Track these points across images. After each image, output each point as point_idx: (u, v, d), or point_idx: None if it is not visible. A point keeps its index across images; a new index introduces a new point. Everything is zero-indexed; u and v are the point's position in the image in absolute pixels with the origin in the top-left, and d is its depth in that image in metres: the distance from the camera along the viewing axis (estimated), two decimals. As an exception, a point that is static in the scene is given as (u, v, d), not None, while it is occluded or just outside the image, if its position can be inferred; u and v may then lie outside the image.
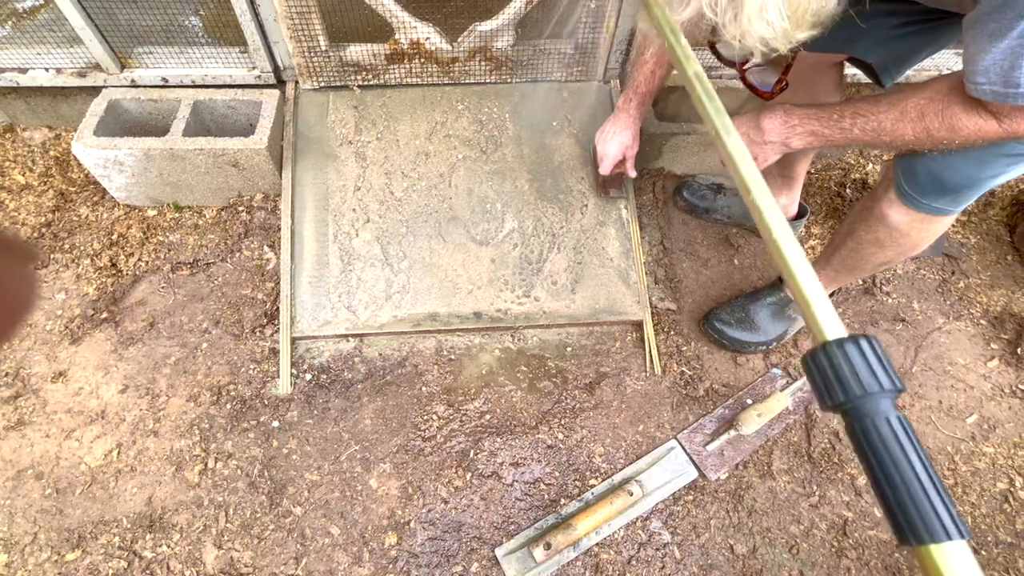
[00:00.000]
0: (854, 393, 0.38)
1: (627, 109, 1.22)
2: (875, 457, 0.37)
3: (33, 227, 1.40)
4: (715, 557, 1.11)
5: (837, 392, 0.39)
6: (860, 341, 0.39)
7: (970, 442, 1.26)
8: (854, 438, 0.39)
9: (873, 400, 0.38)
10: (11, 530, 1.06)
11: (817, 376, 0.40)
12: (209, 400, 1.21)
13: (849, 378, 0.39)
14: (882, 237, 1.01)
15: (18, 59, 1.39)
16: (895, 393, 0.39)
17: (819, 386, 0.40)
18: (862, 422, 0.38)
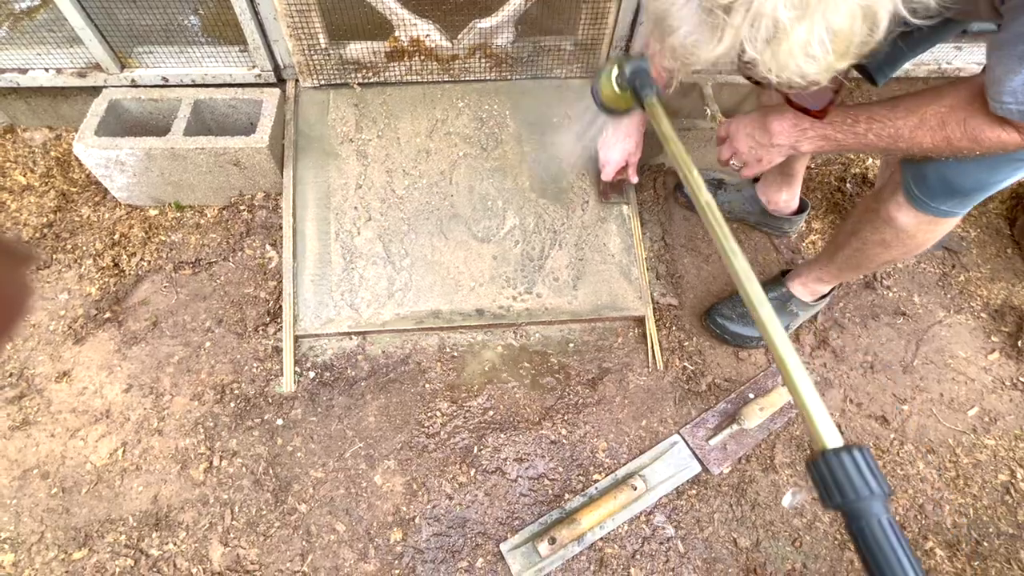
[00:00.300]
0: (850, 497, 0.47)
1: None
2: (869, 552, 0.45)
3: (35, 228, 1.40)
4: (719, 551, 1.11)
5: (836, 495, 0.47)
6: (853, 451, 0.48)
7: (971, 434, 1.27)
8: (851, 535, 0.47)
9: (866, 503, 0.46)
10: (18, 529, 1.07)
11: (819, 480, 0.49)
12: (213, 399, 1.21)
13: (845, 484, 0.47)
14: (888, 238, 1.02)
15: (18, 59, 1.39)
16: (884, 497, 0.47)
17: (821, 489, 0.49)
18: (857, 522, 0.46)
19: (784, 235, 1.53)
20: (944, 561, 1.13)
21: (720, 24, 0.56)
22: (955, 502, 1.19)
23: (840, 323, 1.40)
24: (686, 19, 0.58)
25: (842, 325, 1.40)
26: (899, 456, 1.23)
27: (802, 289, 1.30)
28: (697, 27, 0.58)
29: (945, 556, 1.13)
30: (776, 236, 1.53)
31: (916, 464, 1.23)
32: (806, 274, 1.28)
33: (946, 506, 1.18)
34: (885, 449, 1.24)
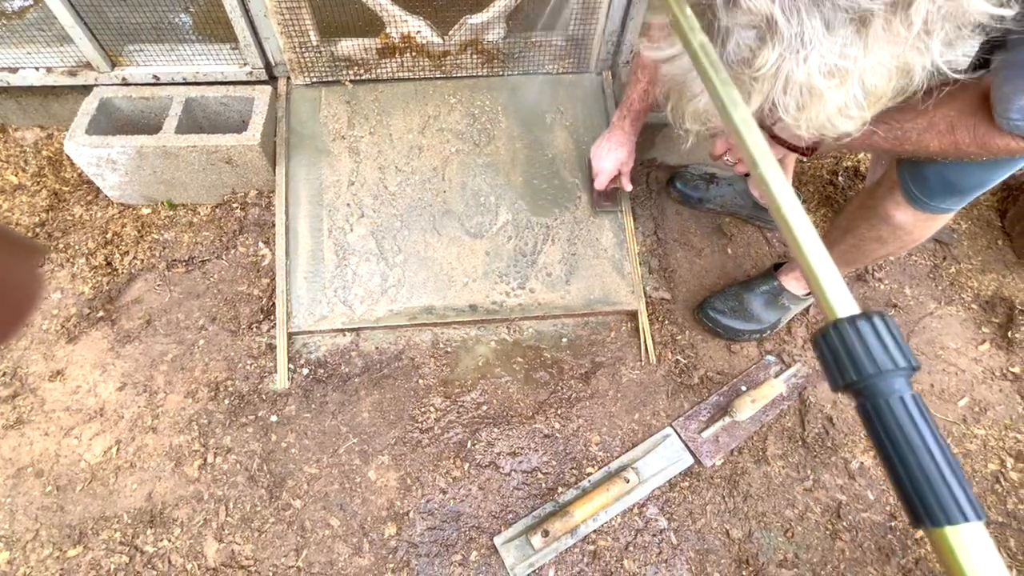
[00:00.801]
0: (867, 372, 0.37)
1: (622, 126, 1.23)
2: (888, 438, 0.36)
3: (27, 227, 1.39)
4: (711, 542, 1.12)
5: (849, 371, 0.37)
6: (873, 318, 0.38)
7: (962, 424, 1.27)
8: (867, 418, 0.37)
9: (887, 379, 0.36)
10: (12, 527, 1.07)
11: (828, 355, 0.39)
12: (207, 396, 1.22)
13: (862, 356, 0.37)
14: (885, 235, 1.02)
15: (8, 58, 1.38)
16: (910, 371, 0.37)
17: (830, 365, 0.39)
18: (875, 401, 0.36)
19: (776, 228, 1.53)
20: (934, 550, 1.14)
21: (747, 89, 0.53)
22: (945, 491, 1.20)
23: (832, 316, 1.41)
24: None
25: (834, 317, 1.40)
26: (890, 447, 1.24)
27: (795, 283, 1.30)
28: None
29: (935, 545, 1.14)
30: (768, 229, 1.54)
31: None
32: (798, 268, 1.28)
33: (936, 496, 1.19)
34: (876, 440, 1.25)
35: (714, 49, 0.50)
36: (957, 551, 0.32)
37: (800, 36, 0.48)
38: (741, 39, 0.50)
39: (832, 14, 0.47)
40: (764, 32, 0.49)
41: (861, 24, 0.48)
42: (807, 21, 0.47)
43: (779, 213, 0.44)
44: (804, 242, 0.42)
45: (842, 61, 0.49)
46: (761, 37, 0.49)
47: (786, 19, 0.47)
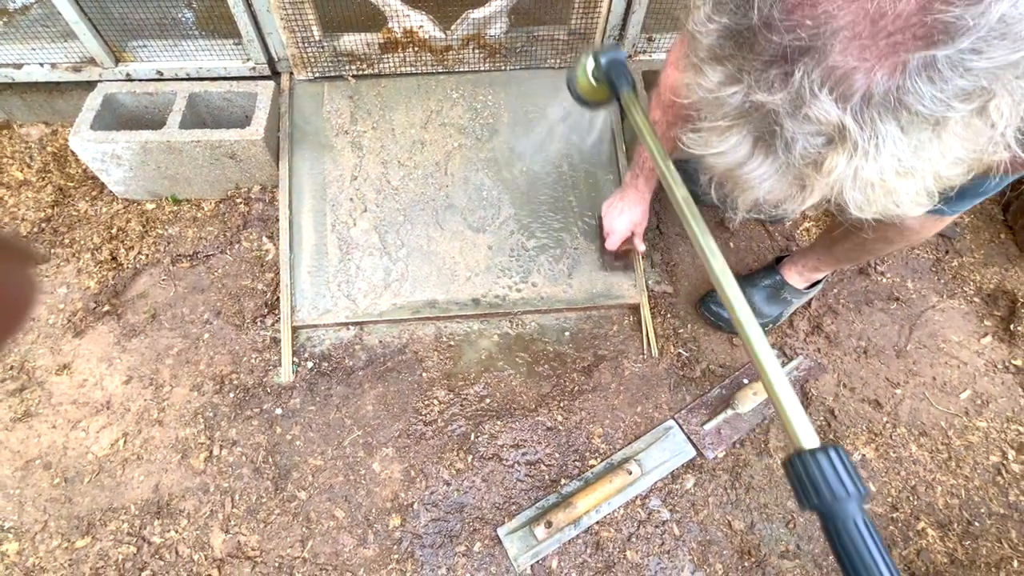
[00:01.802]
0: (826, 498, 0.46)
1: (635, 185, 1.18)
2: (844, 553, 0.45)
3: (33, 222, 1.40)
4: (713, 533, 1.13)
5: (812, 496, 0.47)
6: (829, 451, 0.47)
7: (963, 417, 1.28)
8: (827, 536, 0.46)
9: (842, 504, 0.46)
10: (21, 518, 1.08)
11: (796, 480, 0.48)
12: (212, 389, 1.23)
13: (822, 485, 0.46)
14: (892, 236, 1.02)
15: (13, 55, 1.39)
16: (860, 498, 0.46)
17: (797, 489, 0.48)
18: (834, 523, 0.46)
19: (779, 221, 1.53)
20: (936, 541, 1.14)
21: (811, 184, 0.49)
22: (947, 483, 1.20)
23: (834, 309, 1.41)
24: (766, 178, 0.51)
25: (836, 311, 1.41)
26: (892, 439, 1.25)
27: (797, 277, 1.31)
28: (780, 185, 0.51)
29: (937, 536, 1.15)
30: (771, 223, 1.54)
31: (909, 447, 1.24)
32: (802, 262, 1.28)
33: (938, 487, 1.20)
34: (878, 432, 1.25)
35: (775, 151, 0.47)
36: None
37: (874, 140, 0.45)
38: (809, 145, 0.46)
39: (909, 122, 0.44)
40: (835, 138, 0.45)
41: (938, 126, 0.44)
42: (881, 127, 0.44)
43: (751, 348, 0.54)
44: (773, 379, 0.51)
45: (916, 161, 0.46)
46: (831, 142, 0.46)
47: (859, 127, 0.44)
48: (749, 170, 0.51)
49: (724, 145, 0.51)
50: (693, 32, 0.51)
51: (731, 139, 0.50)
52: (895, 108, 0.44)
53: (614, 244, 1.28)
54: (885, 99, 0.43)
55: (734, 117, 0.49)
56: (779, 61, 0.45)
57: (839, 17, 0.43)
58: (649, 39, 1.51)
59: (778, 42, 0.45)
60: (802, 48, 0.44)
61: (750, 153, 0.50)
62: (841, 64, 0.43)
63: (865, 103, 0.44)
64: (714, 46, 0.49)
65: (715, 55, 0.49)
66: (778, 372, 0.52)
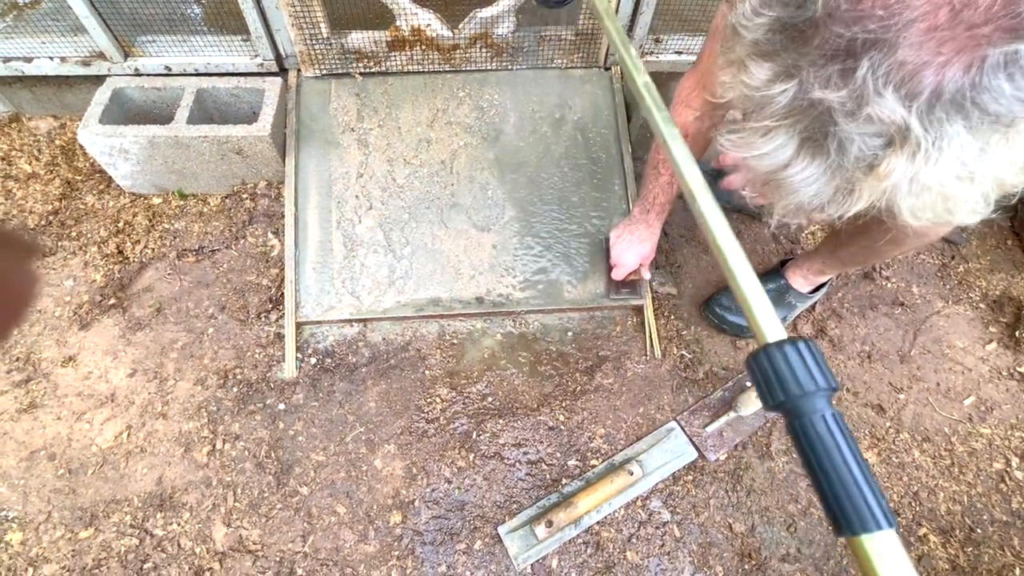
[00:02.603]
0: (793, 392, 0.40)
1: (646, 220, 1.16)
2: (812, 452, 0.39)
3: (40, 215, 1.41)
4: (714, 535, 1.13)
5: (777, 391, 0.41)
6: (798, 343, 0.41)
7: (967, 423, 1.27)
8: (793, 435, 0.41)
9: (810, 399, 0.40)
10: (26, 509, 1.09)
11: (759, 376, 0.42)
12: (216, 384, 1.23)
13: (788, 378, 0.40)
14: (899, 237, 1.00)
15: (23, 48, 1.40)
16: (830, 391, 0.40)
17: (761, 386, 0.42)
18: (800, 420, 0.40)
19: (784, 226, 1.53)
20: (938, 547, 1.14)
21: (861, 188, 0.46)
22: (949, 490, 1.20)
23: (838, 313, 1.41)
24: (812, 181, 0.48)
25: (840, 315, 1.40)
26: (895, 444, 1.24)
27: (801, 280, 1.30)
28: (826, 189, 0.48)
29: (939, 542, 1.14)
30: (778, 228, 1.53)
31: (911, 452, 1.24)
32: (807, 265, 1.28)
33: (940, 493, 1.19)
34: (881, 437, 1.25)
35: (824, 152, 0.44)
36: (872, 557, 0.36)
37: (938, 143, 0.42)
38: (866, 146, 0.44)
39: (979, 121, 0.41)
40: (895, 139, 0.42)
41: (1011, 128, 0.42)
42: (948, 128, 0.41)
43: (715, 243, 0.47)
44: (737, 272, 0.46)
45: (981, 165, 0.43)
46: (890, 144, 0.43)
47: (923, 128, 0.41)
48: (793, 173, 0.48)
49: (768, 146, 0.48)
50: (736, 26, 0.48)
51: (776, 139, 0.47)
52: (967, 108, 0.40)
53: (620, 276, 1.28)
54: (956, 98, 0.40)
55: (783, 116, 0.46)
56: (841, 55, 0.42)
57: (915, 7, 0.40)
58: (656, 40, 1.51)
59: (842, 34, 0.41)
60: (870, 41, 0.41)
61: (795, 154, 0.47)
62: (912, 59, 0.40)
63: (934, 102, 0.40)
64: (762, 41, 0.46)
65: (763, 50, 0.46)
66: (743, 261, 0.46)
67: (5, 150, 1.52)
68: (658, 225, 1.18)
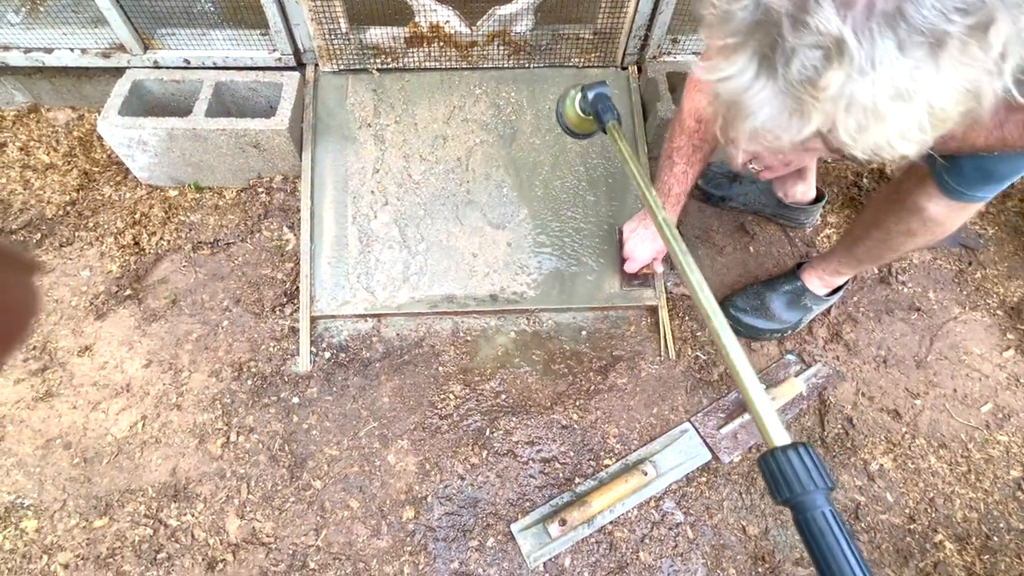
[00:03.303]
0: (796, 491, 0.49)
1: None
2: (814, 542, 0.48)
3: (58, 205, 1.42)
4: (727, 537, 1.12)
5: (784, 490, 0.50)
6: (799, 448, 0.51)
7: (984, 430, 1.26)
8: (798, 527, 0.50)
9: (811, 496, 0.49)
10: (41, 496, 1.09)
11: (769, 476, 0.52)
12: (230, 376, 1.24)
13: (792, 479, 0.50)
14: (915, 227, 1.00)
15: (44, 39, 1.41)
16: (827, 490, 0.49)
17: (770, 484, 0.51)
18: (803, 515, 0.49)
19: (800, 227, 1.52)
20: (954, 554, 1.13)
21: (808, 109, 0.50)
22: (966, 497, 1.19)
23: (854, 317, 1.40)
24: (765, 103, 0.52)
25: (856, 319, 1.39)
26: (910, 450, 1.23)
27: (817, 282, 1.29)
28: (779, 111, 0.52)
29: (955, 549, 1.13)
30: (792, 228, 1.53)
31: (928, 458, 1.23)
32: (822, 266, 1.27)
33: (956, 500, 1.18)
34: (896, 443, 1.24)
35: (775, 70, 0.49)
36: None
37: (871, 58, 0.45)
38: (806, 59, 0.47)
39: (907, 36, 0.44)
40: (832, 53, 0.46)
41: (936, 46, 0.45)
42: (879, 42, 0.45)
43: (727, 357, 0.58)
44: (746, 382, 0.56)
45: (911, 83, 0.47)
46: (828, 57, 0.46)
47: (857, 41, 0.45)
48: (751, 95, 0.52)
49: (731, 68, 0.52)
50: None
51: (738, 60, 0.51)
52: (897, 22, 0.44)
53: (633, 269, 1.28)
54: (887, 10, 0.44)
55: (742, 33, 0.51)
56: None
57: None
58: (674, 40, 1.51)
59: None
60: None
61: (755, 76, 0.51)
62: None
63: (867, 14, 0.45)
64: None
65: None
66: (751, 376, 0.56)
67: (24, 140, 1.53)
68: (673, 218, 1.18)
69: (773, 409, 0.54)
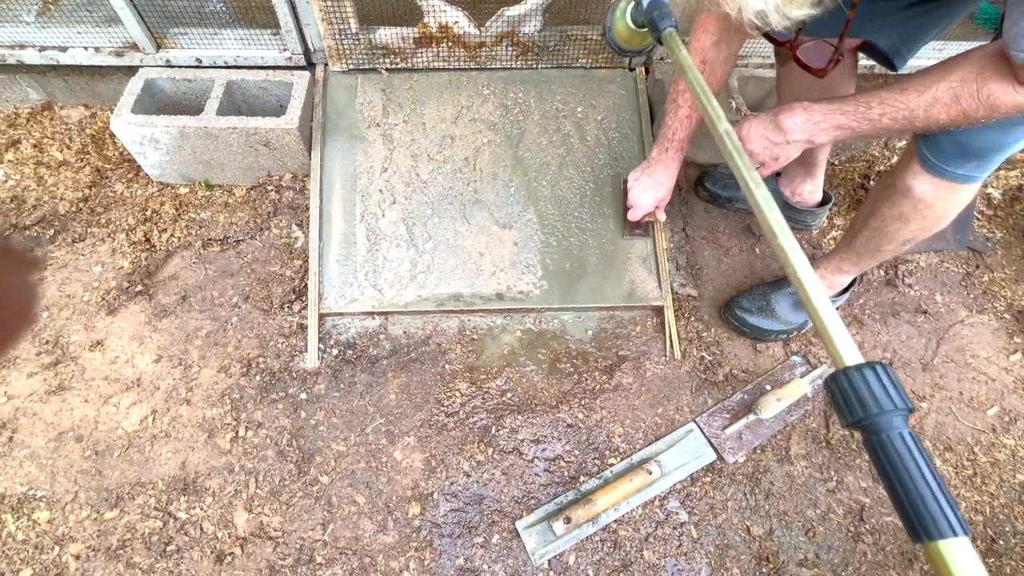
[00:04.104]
0: (872, 411, 0.44)
1: (663, 160, 1.18)
2: (891, 467, 0.43)
3: (71, 202, 1.44)
4: (731, 538, 1.12)
5: (857, 409, 0.45)
6: (876, 367, 0.46)
7: (990, 433, 1.26)
8: (871, 450, 0.45)
9: (888, 417, 0.44)
10: (53, 488, 1.11)
11: (839, 396, 0.47)
12: (239, 372, 1.25)
13: (867, 398, 0.45)
14: (907, 211, 1.00)
15: (58, 38, 1.43)
16: (907, 412, 0.45)
17: (840, 405, 0.47)
18: (879, 436, 0.44)
19: (807, 228, 1.52)
20: (958, 557, 1.13)
21: None
22: (971, 500, 1.19)
23: (860, 319, 1.40)
24: None
25: (861, 321, 1.39)
26: (916, 452, 1.23)
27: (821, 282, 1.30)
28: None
29: (960, 552, 1.13)
30: (798, 230, 1.53)
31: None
32: (824, 265, 1.28)
33: (962, 503, 1.18)
34: (902, 445, 1.24)
35: None
36: (948, 561, 0.39)
37: None
38: None
39: None
40: None
41: None
42: None
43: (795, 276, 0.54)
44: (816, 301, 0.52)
45: None
46: None
47: None
48: None
49: None
50: None
51: None
52: None
53: (636, 217, 1.30)
54: None
55: None
56: None
57: None
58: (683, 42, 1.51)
59: None
60: None
61: None
62: None
63: None
64: None
65: None
66: (819, 290, 0.52)
67: (38, 138, 1.55)
68: (676, 165, 1.18)
69: (843, 325, 0.50)
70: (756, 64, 1.53)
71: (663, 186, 1.23)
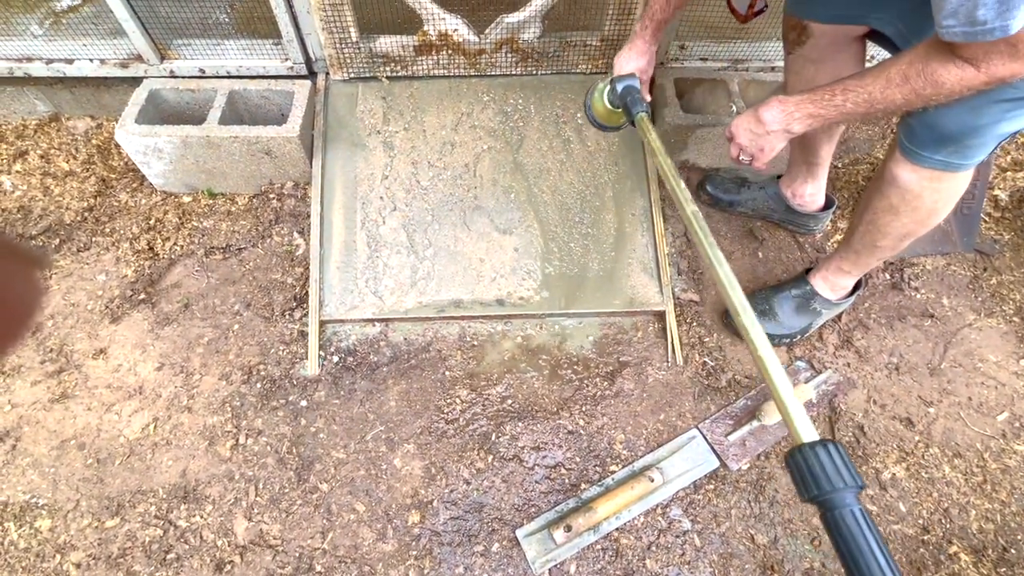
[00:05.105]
0: (824, 488, 0.49)
1: (643, 36, 1.20)
2: (842, 541, 0.48)
3: (76, 211, 1.46)
4: (735, 546, 1.11)
5: (812, 487, 0.50)
6: (828, 445, 0.51)
7: (1000, 439, 1.23)
8: (827, 526, 0.49)
9: (840, 495, 0.49)
10: (55, 496, 1.11)
11: (796, 472, 0.52)
12: (240, 379, 1.25)
13: (820, 475, 0.50)
14: (895, 202, 1.03)
15: (64, 50, 1.45)
16: (857, 489, 0.49)
17: (797, 481, 0.52)
18: (832, 513, 0.49)
19: (810, 233, 1.51)
20: (969, 567, 1.10)
21: None
22: (982, 507, 1.16)
23: (865, 323, 1.38)
24: None
25: (867, 325, 1.38)
26: (924, 459, 1.21)
27: (824, 284, 1.28)
28: None
29: (970, 561, 1.11)
30: (801, 234, 1.51)
31: (942, 468, 1.20)
32: (826, 267, 1.27)
33: (972, 511, 1.16)
34: (909, 451, 1.22)
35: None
36: None
37: None
38: None
39: None
40: None
41: None
42: None
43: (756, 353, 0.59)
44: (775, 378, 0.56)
45: None
46: None
47: None
48: None
49: None
50: None
51: None
52: None
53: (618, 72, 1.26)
54: None
55: None
56: None
57: None
58: (681, 47, 1.51)
59: None
60: None
61: None
62: None
63: None
64: None
65: None
66: (780, 373, 0.56)
67: (44, 148, 1.58)
68: (654, 43, 1.20)
69: (801, 405, 0.54)
70: (756, 68, 1.53)
71: (643, 57, 1.22)
